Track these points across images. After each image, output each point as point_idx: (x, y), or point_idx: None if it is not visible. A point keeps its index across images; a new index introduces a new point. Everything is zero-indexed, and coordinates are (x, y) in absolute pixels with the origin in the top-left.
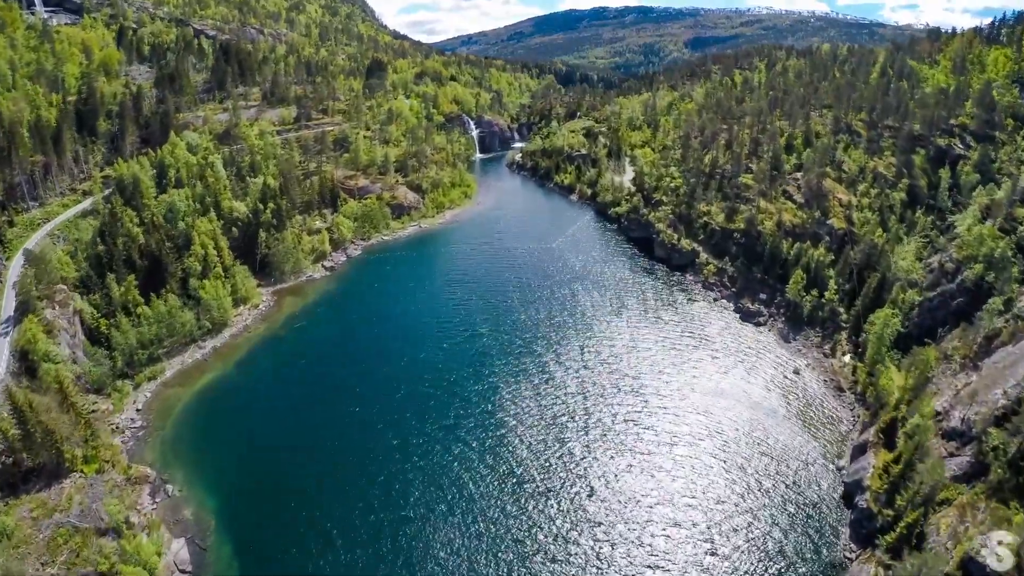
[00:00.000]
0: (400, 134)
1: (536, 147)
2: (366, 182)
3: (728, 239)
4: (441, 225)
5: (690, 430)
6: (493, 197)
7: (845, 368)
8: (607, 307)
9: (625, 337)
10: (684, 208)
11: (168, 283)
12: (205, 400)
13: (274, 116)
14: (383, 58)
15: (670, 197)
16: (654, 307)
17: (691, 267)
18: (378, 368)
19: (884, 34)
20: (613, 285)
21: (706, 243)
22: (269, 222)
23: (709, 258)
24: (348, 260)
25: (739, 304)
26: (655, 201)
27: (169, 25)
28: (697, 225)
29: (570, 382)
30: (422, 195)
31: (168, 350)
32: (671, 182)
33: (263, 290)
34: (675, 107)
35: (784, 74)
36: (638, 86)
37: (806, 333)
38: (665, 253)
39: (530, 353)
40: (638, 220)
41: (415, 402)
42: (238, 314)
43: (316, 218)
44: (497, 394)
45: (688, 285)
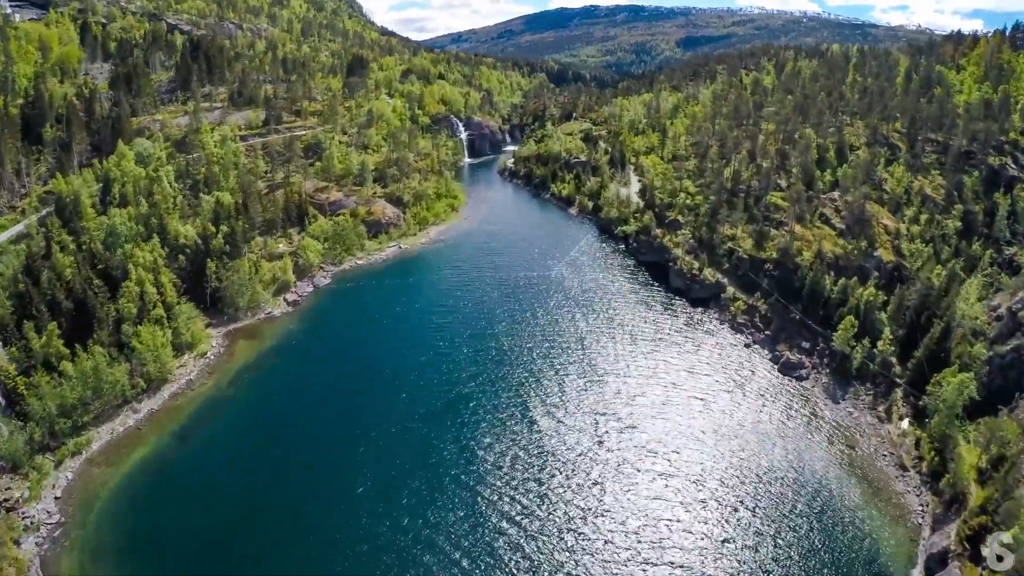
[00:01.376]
0: (381, 138)
1: (530, 152)
2: (339, 195)
3: (759, 270)
4: (424, 245)
5: (739, 536)
6: (483, 210)
7: (905, 438)
8: (622, 357)
9: (650, 403)
10: (705, 230)
11: (96, 331)
12: (136, 485)
13: (240, 119)
14: (366, 55)
15: (687, 217)
16: (677, 356)
17: (715, 302)
18: (346, 441)
19: (877, 34)
20: (626, 326)
21: (732, 274)
22: (221, 248)
23: (737, 292)
24: (315, 292)
25: (775, 351)
26: (669, 220)
27: (141, 20)
28: (721, 252)
29: (583, 467)
30: (403, 209)
31: (97, 414)
32: (687, 199)
33: (214, 331)
34: (681, 110)
35: (796, 76)
36: (637, 86)
37: (855, 390)
38: (683, 283)
39: (530, 424)
40: (650, 242)
41: (384, 489)
42: (181, 365)
43: (280, 240)
44: (490, 483)
45: (713, 326)
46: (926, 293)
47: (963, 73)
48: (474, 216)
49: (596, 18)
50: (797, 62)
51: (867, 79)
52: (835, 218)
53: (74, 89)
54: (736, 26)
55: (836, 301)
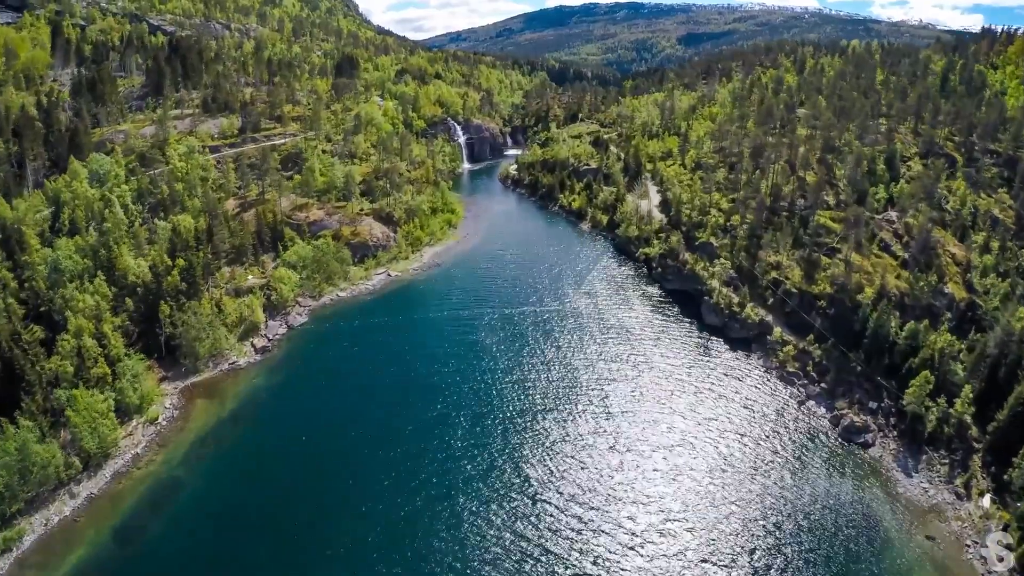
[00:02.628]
0: (370, 145)
1: (535, 158)
2: (320, 214)
3: (810, 307)
4: (417, 272)
5: None
6: (484, 226)
7: (990, 522)
8: (657, 422)
9: (694, 485)
10: (744, 256)
11: (23, 400)
12: None
13: (213, 127)
14: (358, 54)
15: (722, 239)
16: (722, 418)
17: (758, 344)
18: (318, 543)
19: (880, 30)
20: (658, 378)
21: (778, 310)
22: (176, 286)
23: (785, 334)
24: (288, 334)
25: (834, 410)
26: (700, 243)
27: (122, 21)
28: (764, 283)
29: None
30: (394, 228)
31: (30, 499)
32: (719, 216)
33: (169, 386)
34: (698, 111)
35: (819, 74)
36: (646, 85)
37: (929, 457)
38: (719, 320)
39: (545, 507)
40: (678, 268)
41: None
42: (128, 434)
43: (251, 270)
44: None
45: (758, 375)
46: (1006, 340)
47: (1000, 72)
48: (474, 234)
49: (595, 16)
50: (818, 59)
51: (901, 79)
52: (895, 244)
53: (34, 98)
54: (737, 22)
55: (904, 348)
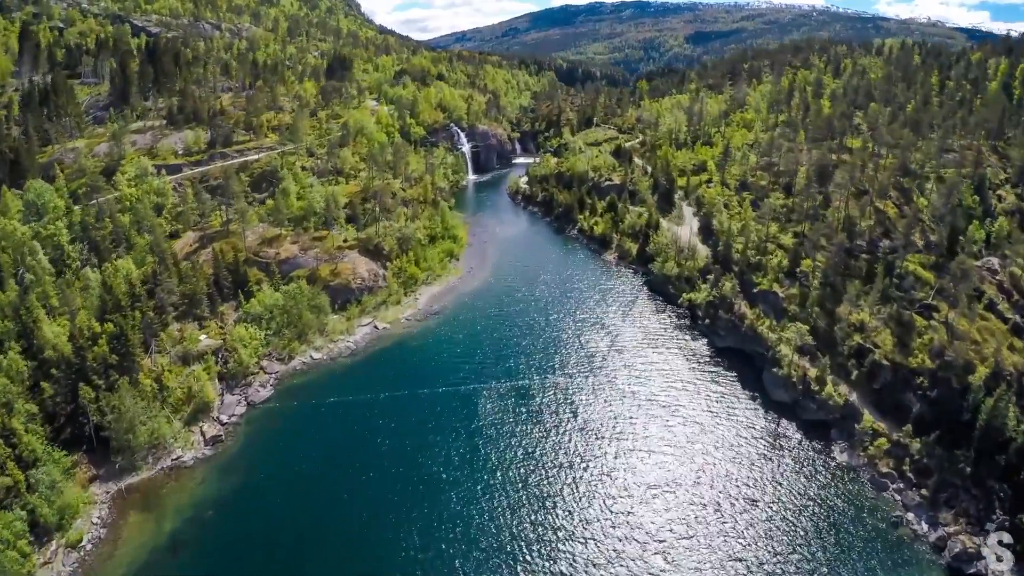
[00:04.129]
0: (359, 159)
1: (548, 170)
2: (294, 249)
3: (906, 384)
4: (410, 324)
5: None
6: (491, 257)
7: None
8: (724, 546)
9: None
10: (818, 312)
11: None
12: None
13: (178, 141)
14: (358, 54)
15: (787, 287)
16: (800, 541)
17: (841, 430)
18: None
19: (889, 28)
20: (718, 474)
21: (865, 387)
22: (104, 359)
23: (875, 420)
24: (247, 415)
25: (940, 528)
26: (760, 292)
27: (103, 23)
28: (846, 350)
29: None
30: (383, 263)
31: None
32: (781, 257)
33: (99, 489)
34: (731, 117)
35: (862, 77)
36: (665, 86)
37: None
38: (789, 396)
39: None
40: (733, 323)
41: None
42: (46, 561)
43: (206, 326)
44: None
45: (839, 474)
46: None
47: None
48: (480, 267)
49: (602, 15)
50: (854, 59)
51: (963, 85)
52: (1001, 303)
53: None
54: (745, 20)
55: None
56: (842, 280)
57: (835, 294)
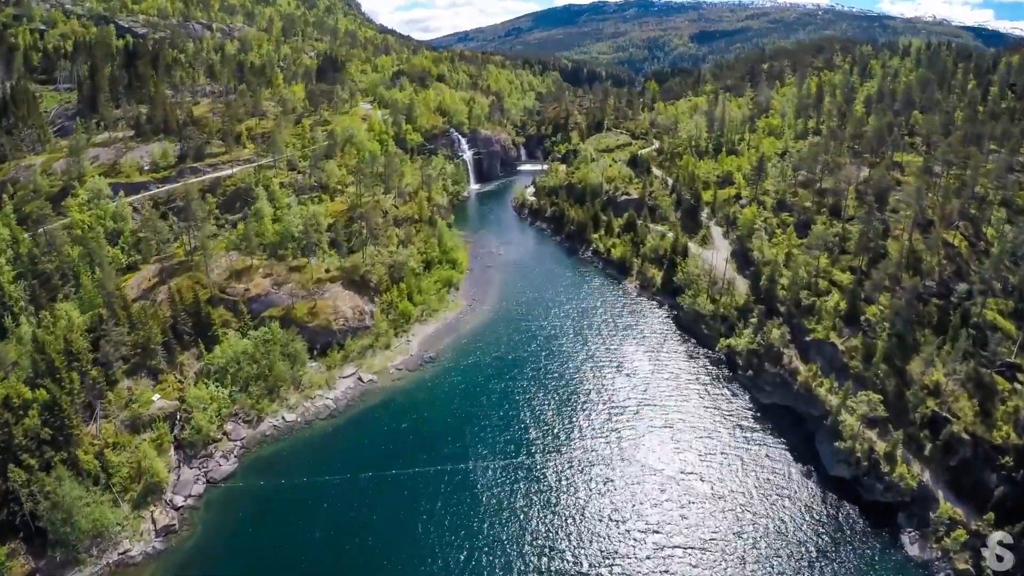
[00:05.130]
0: (346, 172)
1: (557, 181)
2: (266, 284)
3: (987, 464)
4: (400, 374)
5: None
6: (495, 285)
7: None
8: None
9: None
10: (884, 370)
11: None
12: None
13: (144, 155)
14: (353, 54)
15: (847, 337)
16: None
17: (910, 515)
18: None
19: (895, 26)
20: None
21: (939, 463)
22: (36, 434)
23: (951, 504)
24: (206, 496)
25: None
26: (814, 341)
27: (87, 24)
28: (918, 418)
29: None
30: (370, 298)
31: None
32: (839, 299)
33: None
34: (757, 123)
35: (894, 80)
36: (680, 88)
37: None
38: (849, 472)
39: None
40: (782, 379)
41: None
42: None
43: (163, 381)
44: None
45: (911, 569)
46: None
47: None
48: (482, 298)
49: (605, 14)
50: (883, 61)
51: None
52: None
53: None
54: (750, 19)
55: None
56: (912, 330)
57: (904, 347)
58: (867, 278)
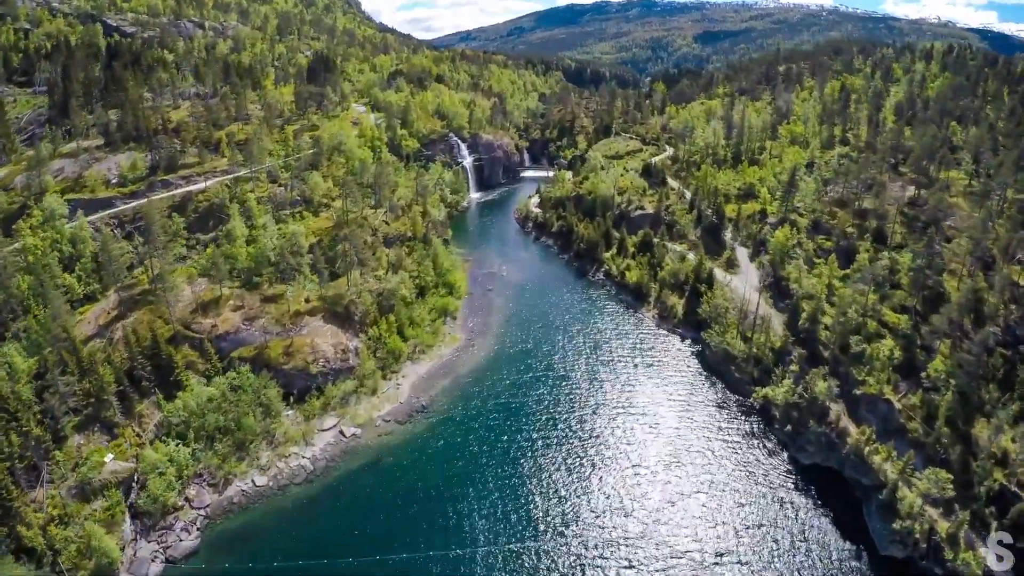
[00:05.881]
0: (333, 184)
1: (564, 192)
2: (236, 318)
3: None
4: (388, 427)
5: None
6: (497, 312)
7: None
8: None
9: None
10: (948, 437)
11: None
12: None
13: (111, 167)
14: (336, 54)
15: (904, 395)
16: None
17: None
18: None
19: (900, 28)
20: None
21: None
22: None
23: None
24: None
25: None
26: (864, 395)
27: (74, 23)
28: (983, 492)
29: None
30: (355, 332)
31: None
32: (894, 345)
33: None
34: (780, 131)
35: (921, 86)
36: (691, 90)
37: None
38: (904, 552)
39: None
40: (827, 439)
41: None
42: None
43: (120, 435)
44: None
45: None
46: None
47: None
48: (483, 330)
49: (608, 14)
50: (908, 65)
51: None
52: None
53: None
54: (754, 20)
55: None
56: (978, 386)
57: (968, 407)
58: (924, 321)
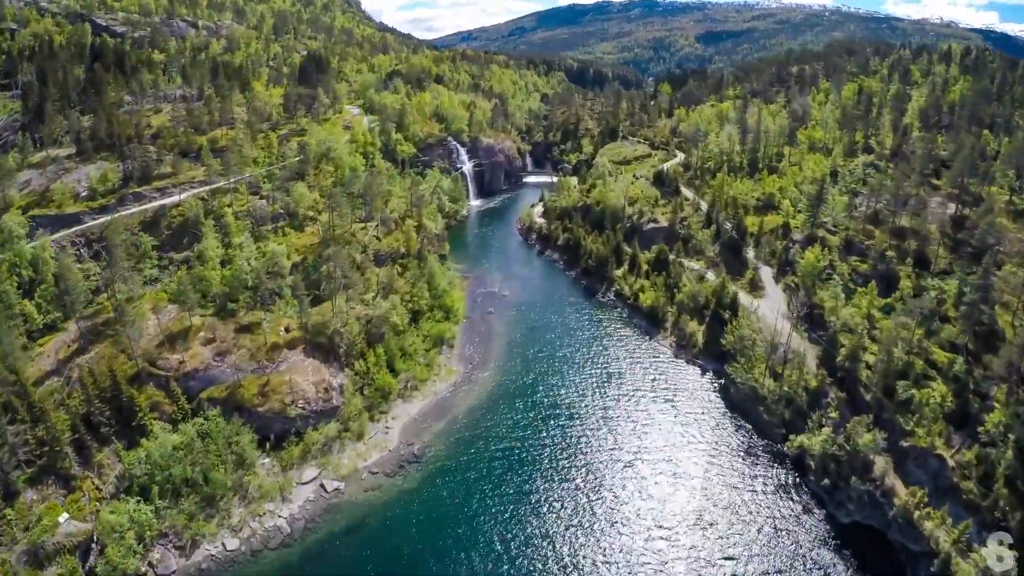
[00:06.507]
0: (320, 195)
1: (570, 202)
2: (206, 353)
3: None
4: (376, 480)
5: None
6: (497, 338)
7: None
8: None
9: None
10: (1008, 500)
11: None
12: None
13: (80, 179)
14: (329, 53)
15: (958, 451)
16: None
17: None
18: None
19: (903, 28)
20: None
21: None
22: None
23: None
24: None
25: None
26: (912, 447)
27: (63, 23)
28: None
29: None
30: (339, 367)
31: None
32: (944, 391)
33: None
34: (798, 137)
35: (943, 90)
36: (699, 91)
37: None
38: None
39: None
40: (871, 497)
41: None
42: None
43: (80, 487)
44: None
45: None
46: None
47: None
48: (482, 359)
49: (610, 14)
50: (927, 67)
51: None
52: None
53: None
54: (756, 20)
55: None
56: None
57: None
58: (976, 362)
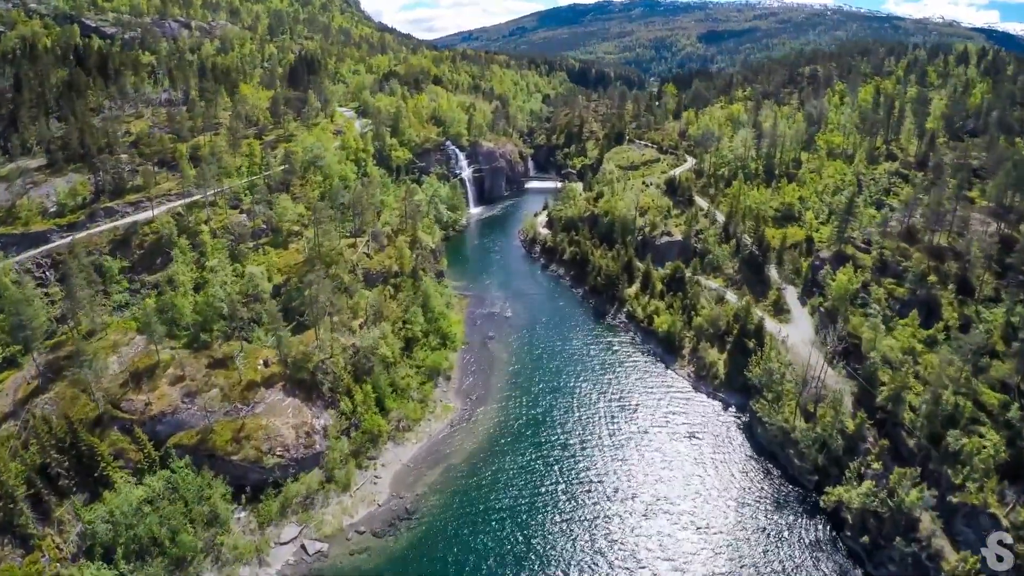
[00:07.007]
0: (305, 208)
1: (576, 212)
2: (175, 393)
3: None
4: (362, 541)
5: None
6: (499, 367)
7: None
8: None
9: None
10: None
11: None
12: None
13: (48, 193)
14: (335, 53)
15: (1013, 508)
16: None
17: None
18: None
19: (906, 27)
20: None
21: None
22: None
23: None
24: None
25: None
26: (965, 508)
27: (51, 24)
28: None
29: None
30: (322, 407)
31: None
32: (999, 444)
33: None
34: (817, 142)
35: (964, 93)
36: (707, 92)
37: None
38: None
39: None
40: (916, 559)
41: None
42: None
43: (39, 546)
44: None
45: None
46: None
47: None
48: (482, 394)
49: (611, 14)
50: (940, 67)
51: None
52: None
53: None
54: (758, 19)
55: None
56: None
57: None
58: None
